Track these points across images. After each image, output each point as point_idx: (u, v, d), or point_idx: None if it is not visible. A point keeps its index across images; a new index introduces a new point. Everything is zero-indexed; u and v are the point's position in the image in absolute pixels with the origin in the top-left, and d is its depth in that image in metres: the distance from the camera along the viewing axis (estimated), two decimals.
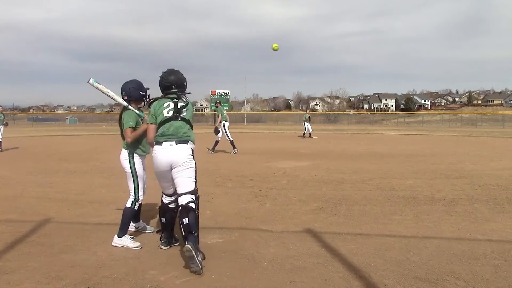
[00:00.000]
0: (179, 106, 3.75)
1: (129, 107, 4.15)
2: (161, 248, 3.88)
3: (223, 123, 13.23)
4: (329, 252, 3.83)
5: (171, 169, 3.64)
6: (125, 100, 4.18)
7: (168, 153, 3.61)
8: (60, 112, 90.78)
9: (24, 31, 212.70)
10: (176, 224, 3.85)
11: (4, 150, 13.89)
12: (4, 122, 14.45)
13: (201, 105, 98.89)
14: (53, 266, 3.47)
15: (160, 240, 3.95)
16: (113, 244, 4.00)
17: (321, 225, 4.79)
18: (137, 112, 4.17)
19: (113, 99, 4.22)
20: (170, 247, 3.92)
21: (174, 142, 3.64)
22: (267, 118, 59.03)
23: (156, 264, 3.52)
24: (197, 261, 3.24)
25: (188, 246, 3.24)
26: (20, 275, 3.28)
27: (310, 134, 21.78)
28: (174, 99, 3.77)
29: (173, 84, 3.78)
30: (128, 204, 4.07)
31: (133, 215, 4.13)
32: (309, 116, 22.41)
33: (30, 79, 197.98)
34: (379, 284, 3.13)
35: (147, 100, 4.26)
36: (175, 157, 3.60)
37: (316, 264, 3.53)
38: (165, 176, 3.72)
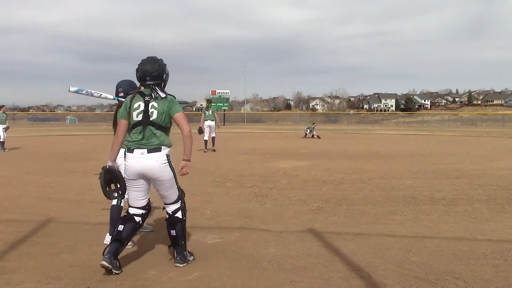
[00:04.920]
0: (149, 107, 3.32)
1: (119, 99, 4.13)
2: (101, 265, 3.19)
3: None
4: (329, 252, 3.83)
5: (145, 179, 3.38)
6: (120, 96, 4.14)
7: (140, 163, 3.30)
8: (60, 112, 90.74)
9: (35, 33, 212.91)
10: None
11: (5, 151, 13.89)
12: (6, 125, 14.42)
13: (201, 105, 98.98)
14: (53, 266, 3.47)
15: (103, 254, 3.22)
16: (105, 242, 4.01)
17: (321, 225, 4.79)
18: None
19: (100, 97, 4.20)
20: (111, 268, 3.19)
21: (145, 151, 3.29)
22: (267, 118, 59.00)
23: (156, 264, 3.51)
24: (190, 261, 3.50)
25: (176, 264, 3.44)
26: (20, 275, 3.28)
27: (313, 134, 21.85)
28: (147, 98, 3.34)
29: (147, 75, 3.32)
30: (114, 202, 4.08)
31: (120, 211, 4.08)
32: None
33: (30, 79, 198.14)
34: (379, 284, 3.13)
35: None
36: (148, 170, 3.30)
37: (316, 264, 3.53)
38: (136, 185, 3.40)
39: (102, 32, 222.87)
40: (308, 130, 22.23)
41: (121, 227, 3.35)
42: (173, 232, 3.43)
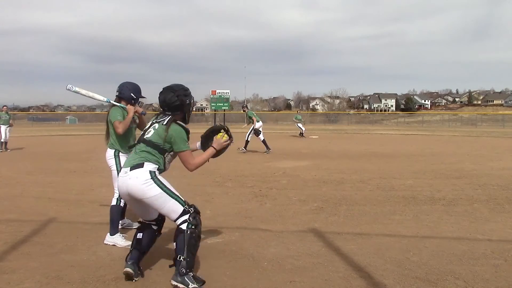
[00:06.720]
0: (150, 127, 3.26)
1: (111, 101, 4.21)
2: (124, 272, 3.13)
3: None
4: (329, 252, 3.83)
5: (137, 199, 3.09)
6: (116, 96, 4.23)
7: (123, 183, 3.08)
8: (60, 112, 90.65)
9: (39, 34, 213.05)
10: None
11: (5, 151, 13.91)
12: (10, 123, 14.57)
13: (201, 104, 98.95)
14: (53, 266, 3.47)
15: (126, 260, 3.20)
16: (105, 242, 4.04)
17: (321, 225, 4.79)
18: (122, 106, 4.19)
19: (94, 98, 4.24)
20: (133, 275, 3.13)
21: (128, 169, 3.07)
22: (267, 118, 58.80)
23: (156, 264, 3.51)
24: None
25: (172, 281, 2.99)
26: (20, 275, 3.28)
27: (302, 133, 22.31)
28: (154, 121, 3.29)
29: (164, 105, 3.25)
30: (113, 202, 4.13)
31: (119, 211, 4.16)
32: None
33: (30, 79, 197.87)
34: (379, 284, 3.13)
35: (139, 104, 4.29)
36: (131, 191, 3.03)
37: (316, 264, 3.53)
38: (133, 205, 3.19)
39: (99, 32, 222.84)
40: (298, 124, 22.38)
41: (139, 235, 3.25)
42: (174, 245, 3.06)
